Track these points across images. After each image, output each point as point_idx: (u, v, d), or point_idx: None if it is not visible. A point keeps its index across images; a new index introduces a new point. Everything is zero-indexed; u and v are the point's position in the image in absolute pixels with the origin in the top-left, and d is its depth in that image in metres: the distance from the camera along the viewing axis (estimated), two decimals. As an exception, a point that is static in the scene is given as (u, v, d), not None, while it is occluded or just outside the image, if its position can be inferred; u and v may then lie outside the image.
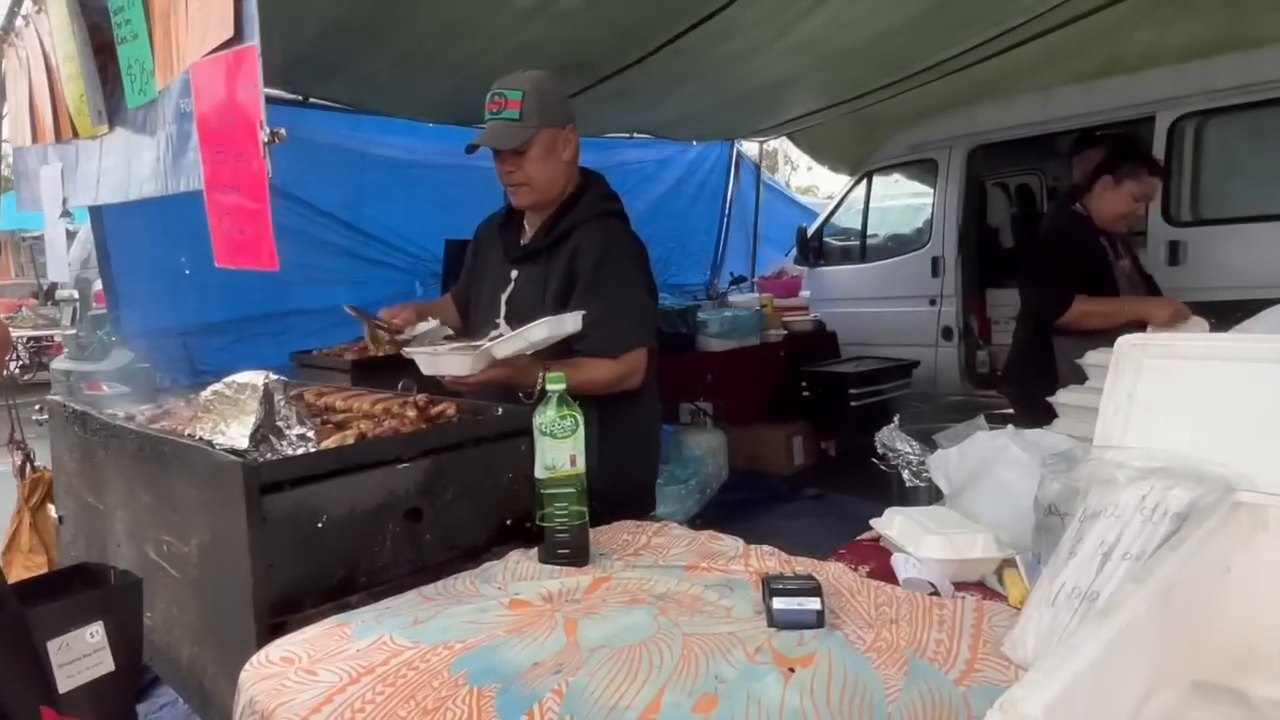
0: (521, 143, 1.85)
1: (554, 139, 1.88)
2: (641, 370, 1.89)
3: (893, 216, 6.76)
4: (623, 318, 1.85)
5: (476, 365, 1.66)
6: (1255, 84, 4.39)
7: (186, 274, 3.48)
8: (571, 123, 1.92)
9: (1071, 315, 2.74)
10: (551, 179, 1.91)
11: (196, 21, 1.27)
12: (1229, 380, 1.02)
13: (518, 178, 1.90)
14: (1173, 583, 0.65)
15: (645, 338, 1.90)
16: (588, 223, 1.92)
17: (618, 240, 1.93)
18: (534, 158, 1.87)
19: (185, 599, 1.45)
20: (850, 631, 1.08)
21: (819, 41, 3.80)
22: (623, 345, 1.84)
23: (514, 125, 1.84)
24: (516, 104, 1.83)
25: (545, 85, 1.88)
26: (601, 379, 1.81)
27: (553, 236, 1.93)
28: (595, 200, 1.96)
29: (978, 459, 1.43)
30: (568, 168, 1.94)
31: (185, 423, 1.57)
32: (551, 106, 1.87)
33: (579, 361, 1.81)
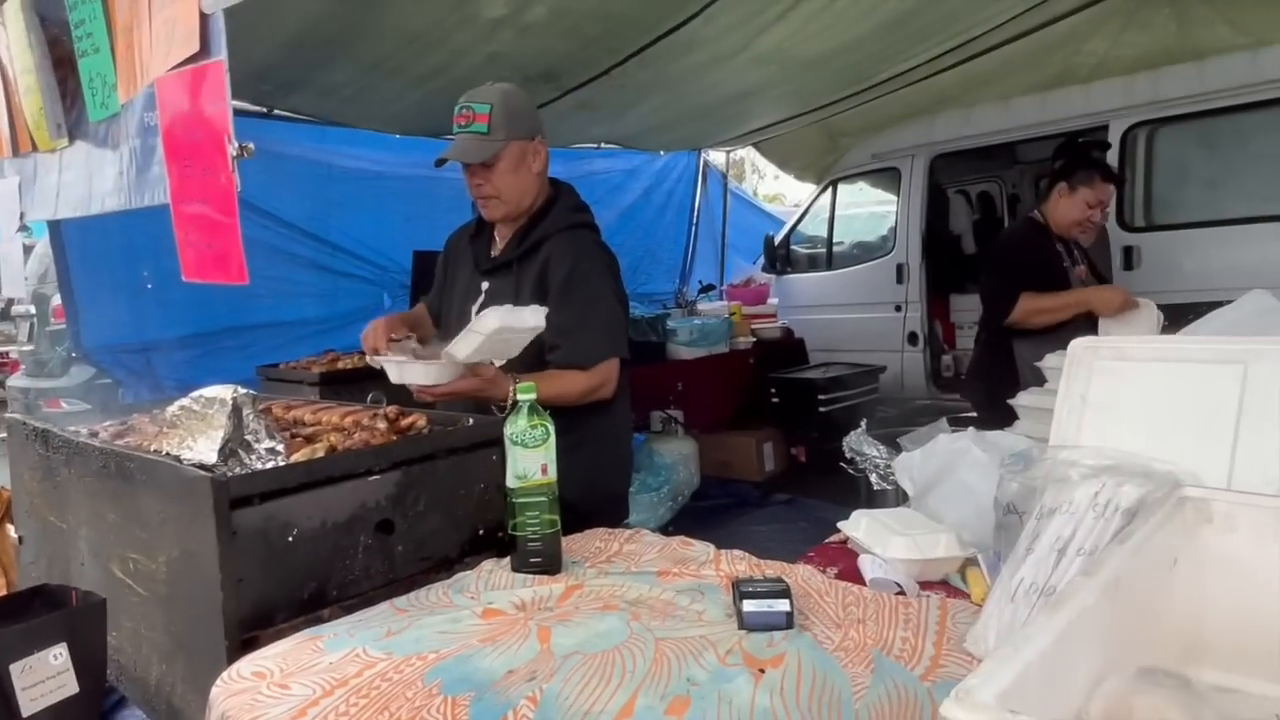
0: (490, 156, 1.85)
1: (523, 151, 1.89)
2: (614, 381, 1.89)
3: (858, 224, 6.86)
4: (594, 328, 1.85)
5: (443, 375, 1.66)
6: (1202, 94, 4.54)
7: (149, 288, 3.45)
8: (540, 134, 1.92)
9: (1018, 314, 2.82)
10: (521, 191, 1.92)
11: (161, 36, 1.27)
12: (1175, 381, 1.07)
13: (487, 190, 1.90)
14: (1121, 575, 0.68)
15: (617, 348, 1.90)
16: (558, 234, 1.92)
17: (588, 251, 1.93)
18: (503, 170, 1.87)
19: (153, 617, 1.44)
20: (819, 632, 1.10)
21: (782, 53, 3.86)
22: (595, 356, 1.84)
23: (482, 139, 1.84)
24: (485, 117, 1.84)
25: (513, 98, 1.89)
26: (574, 390, 1.82)
27: (523, 248, 1.93)
28: (565, 211, 1.97)
29: (940, 461, 1.46)
30: (537, 179, 1.94)
31: (151, 438, 1.56)
32: (519, 119, 1.88)
33: (550, 373, 1.81)
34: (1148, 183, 4.83)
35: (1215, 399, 1.02)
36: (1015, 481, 1.08)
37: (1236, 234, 4.40)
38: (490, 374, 1.70)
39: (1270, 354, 1.01)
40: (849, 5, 3.41)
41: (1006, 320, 2.86)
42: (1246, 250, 4.33)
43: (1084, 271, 3.05)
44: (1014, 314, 2.83)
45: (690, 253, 6.88)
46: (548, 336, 1.75)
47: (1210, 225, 4.51)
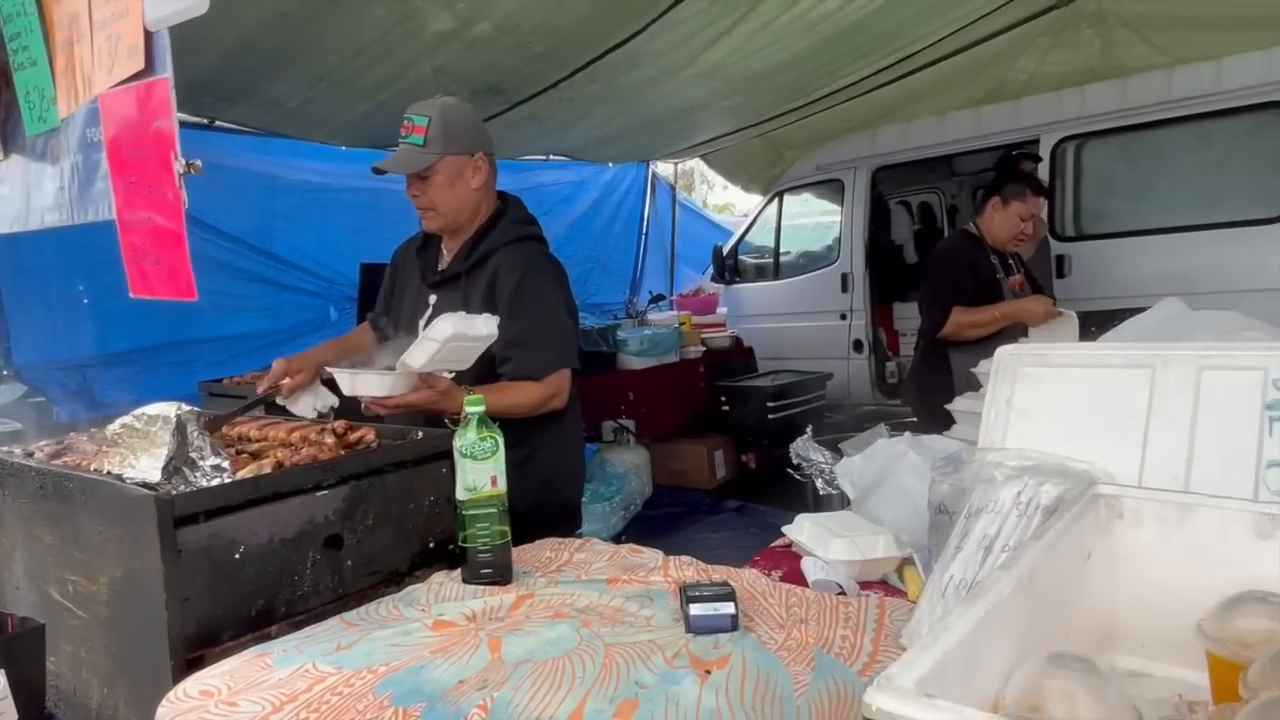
0: (423, 168, 1.85)
1: (460, 166, 1.88)
2: (565, 391, 1.90)
3: (804, 234, 7.01)
4: (545, 340, 1.86)
5: (397, 385, 1.65)
6: (1125, 110, 4.76)
7: (85, 303, 3.36)
8: (482, 151, 1.91)
9: (950, 327, 2.94)
10: (458, 205, 1.91)
11: (104, 52, 1.26)
12: (1092, 385, 1.13)
13: (423, 202, 1.90)
14: (1036, 568, 0.73)
15: (568, 359, 1.92)
16: (506, 246, 1.92)
17: (537, 263, 1.94)
18: (439, 184, 1.87)
19: (94, 640, 1.41)
20: (763, 633, 1.14)
21: (726, 69, 3.95)
22: (546, 367, 1.85)
23: (417, 150, 1.85)
24: (422, 129, 1.84)
25: (453, 112, 1.88)
26: (526, 401, 1.83)
27: (471, 260, 1.93)
28: (513, 224, 1.97)
29: (879, 465, 1.52)
30: (477, 194, 1.93)
31: (90, 458, 1.53)
32: (457, 134, 1.87)
33: (503, 385, 1.81)
34: (1077, 194, 5.04)
35: (1127, 401, 1.09)
36: (946, 483, 1.14)
37: (1158, 243, 4.63)
38: (444, 386, 1.70)
39: (1176, 358, 1.08)
40: (789, 24, 3.50)
41: (939, 334, 2.97)
42: (1168, 258, 4.55)
43: (1018, 282, 3.17)
44: (946, 328, 2.95)
45: (640, 263, 6.94)
46: (498, 349, 1.76)
47: (1135, 235, 4.73)
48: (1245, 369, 1.02)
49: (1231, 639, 0.72)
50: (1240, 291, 4.15)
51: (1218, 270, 4.34)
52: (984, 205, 3.09)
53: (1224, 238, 4.41)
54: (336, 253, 4.43)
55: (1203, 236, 4.47)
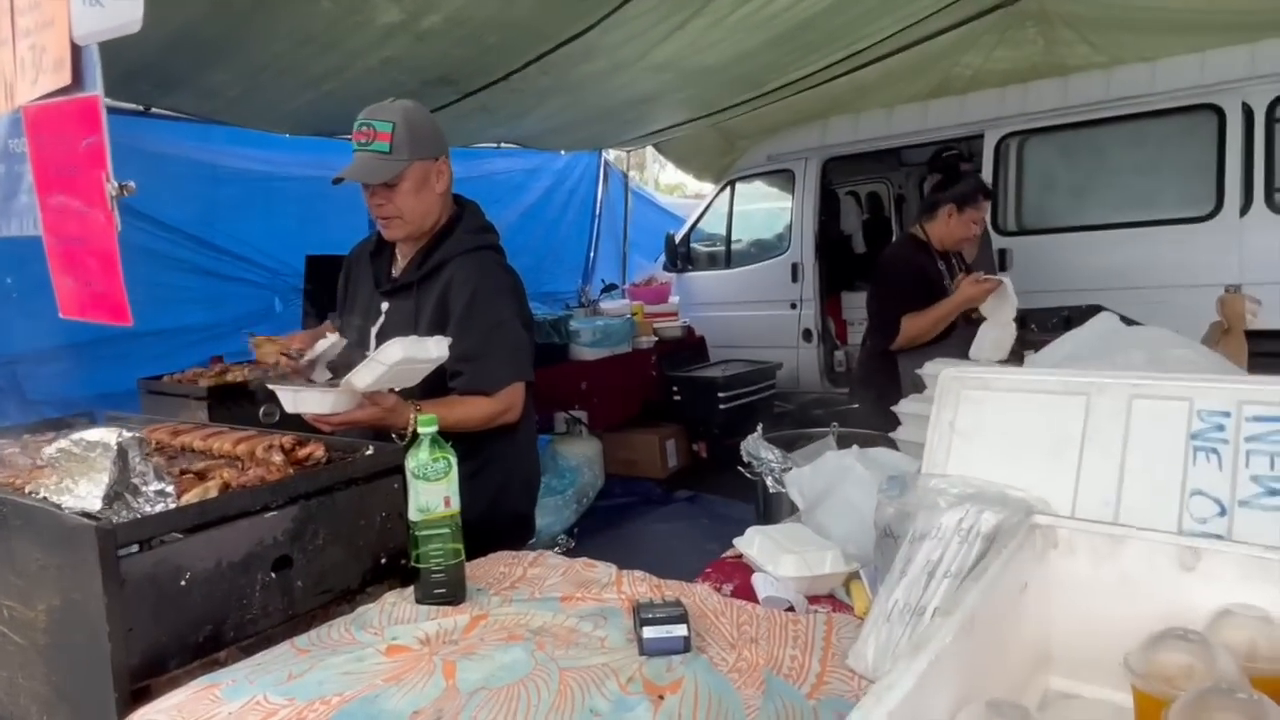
0: (392, 177, 1.80)
1: (426, 171, 1.84)
2: (519, 405, 1.88)
3: (755, 223, 7.07)
4: (498, 353, 1.83)
5: (339, 403, 1.61)
6: (1067, 107, 4.89)
7: (13, 297, 3.22)
8: (444, 154, 1.88)
9: (902, 339, 2.99)
10: (424, 212, 1.87)
11: (27, 61, 1.20)
12: (1030, 410, 1.18)
13: (389, 211, 1.85)
14: (976, 610, 0.76)
15: (522, 372, 1.89)
16: (460, 255, 1.89)
17: (491, 274, 1.90)
18: (405, 191, 1.82)
19: (32, 666, 1.37)
20: (714, 654, 1.16)
21: (679, 62, 3.94)
22: (499, 381, 1.83)
23: (384, 158, 1.79)
24: (387, 136, 1.78)
25: (416, 116, 1.84)
26: (477, 416, 1.81)
27: (424, 269, 1.89)
28: (468, 233, 1.94)
29: (827, 478, 1.55)
30: (441, 199, 1.90)
31: (24, 474, 1.48)
32: (423, 138, 1.83)
33: (452, 400, 1.79)
34: (1019, 189, 5.18)
35: (1063, 428, 1.13)
36: (891, 506, 1.17)
37: (1096, 239, 4.78)
38: (390, 402, 1.67)
39: (1110, 387, 1.13)
40: (741, 20, 3.51)
41: (892, 346, 3.01)
42: (1105, 254, 4.71)
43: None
44: (899, 340, 2.99)
45: (592, 251, 6.92)
46: (450, 363, 1.73)
47: (1073, 230, 4.88)
48: (1172, 399, 1.07)
49: (1155, 675, 0.76)
50: (1173, 287, 4.33)
51: (1151, 267, 4.50)
52: (935, 211, 3.12)
53: (1158, 235, 4.58)
54: (281, 243, 4.32)
55: (1138, 233, 4.64)
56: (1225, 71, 4.40)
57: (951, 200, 3.09)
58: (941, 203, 3.12)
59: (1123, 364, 1.36)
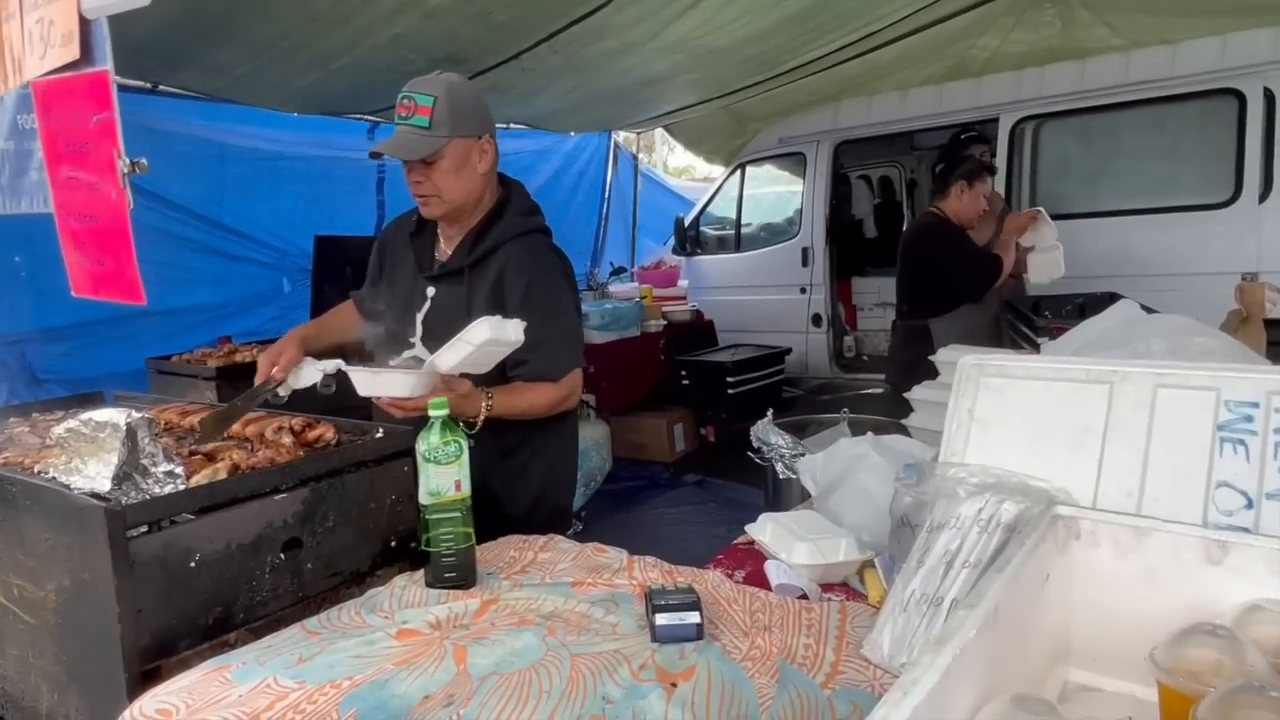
0: (430, 153, 1.71)
1: (468, 150, 1.75)
2: (579, 391, 1.86)
3: (765, 207, 7.01)
4: (559, 341, 1.79)
5: (420, 387, 1.55)
6: (1084, 91, 4.82)
7: (22, 275, 3.22)
8: (489, 133, 1.79)
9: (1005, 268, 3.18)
10: (465, 192, 1.79)
11: (35, 35, 1.18)
12: (1051, 398, 1.15)
13: (426, 189, 1.76)
14: (1000, 603, 0.75)
15: (580, 359, 1.86)
16: (512, 240, 1.82)
17: (545, 259, 1.85)
18: (445, 169, 1.73)
19: (43, 645, 1.37)
20: (727, 641, 1.15)
21: (691, 42, 3.89)
22: (562, 369, 1.80)
23: (423, 134, 1.70)
24: (427, 110, 1.69)
25: (460, 91, 1.74)
26: (544, 403, 1.78)
27: (475, 255, 1.82)
28: (517, 215, 1.86)
29: (841, 465, 1.54)
30: (483, 180, 1.81)
31: (33, 455, 1.47)
32: (466, 115, 1.73)
33: (522, 387, 1.75)
34: (1034, 174, 5.11)
35: (1085, 417, 1.11)
36: (909, 495, 1.15)
37: (1111, 225, 4.72)
38: (465, 389, 1.62)
39: (1133, 376, 1.10)
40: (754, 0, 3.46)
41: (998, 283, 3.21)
42: (1121, 241, 4.65)
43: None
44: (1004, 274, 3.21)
45: (601, 234, 6.88)
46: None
47: (1089, 216, 4.81)
48: (1199, 389, 1.05)
49: (1182, 670, 0.74)
50: (1189, 275, 4.27)
51: (1168, 254, 4.45)
52: (947, 190, 3.22)
53: (1174, 221, 4.52)
54: (289, 223, 4.30)
55: (1154, 220, 4.58)
56: (1247, 55, 4.32)
57: (961, 177, 3.26)
58: (952, 181, 3.28)
59: (1143, 352, 1.34)
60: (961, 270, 3.28)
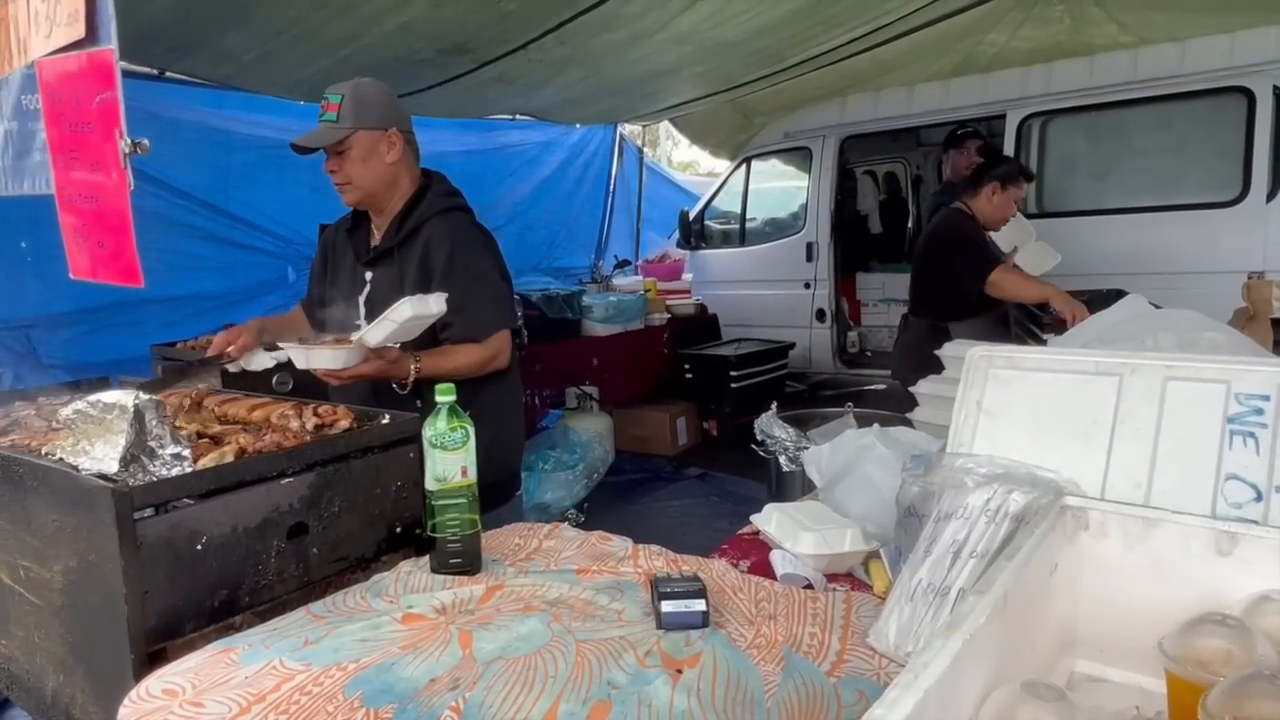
0: (332, 143, 1.91)
1: (374, 141, 1.94)
2: (507, 350, 1.99)
3: (770, 201, 7.00)
4: (483, 302, 1.94)
5: (350, 359, 1.72)
6: (1091, 88, 4.80)
7: (28, 260, 3.22)
8: (395, 126, 1.96)
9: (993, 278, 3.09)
10: (373, 179, 1.96)
11: (41, 14, 1.17)
12: (1060, 390, 1.15)
13: (339, 177, 1.96)
14: (1009, 591, 0.74)
15: (506, 319, 2.01)
16: (433, 218, 1.98)
17: (466, 231, 2.00)
18: (353, 158, 1.93)
19: (48, 626, 1.38)
20: (733, 629, 1.15)
21: (699, 34, 3.88)
22: (486, 328, 1.93)
23: (331, 126, 1.91)
24: (335, 106, 1.91)
25: (365, 90, 1.94)
26: (471, 362, 1.91)
27: (402, 234, 1.98)
28: (437, 197, 2.03)
29: (847, 456, 1.53)
30: (392, 169, 1.98)
31: (39, 437, 1.48)
32: (369, 110, 1.92)
33: (447, 349, 1.90)
34: (1040, 171, 5.09)
35: (1094, 409, 1.11)
36: (916, 485, 1.15)
37: (1118, 223, 4.71)
38: (393, 355, 1.79)
39: (1143, 368, 1.10)
40: (764, -9, 3.45)
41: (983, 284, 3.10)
42: (1127, 238, 4.63)
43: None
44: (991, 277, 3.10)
45: (606, 227, 6.87)
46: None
47: (1095, 214, 4.80)
48: (1209, 381, 1.04)
49: (1191, 660, 0.74)
50: (1196, 273, 4.26)
51: (1175, 252, 4.43)
52: (979, 189, 3.20)
53: (1182, 220, 4.50)
54: (294, 211, 4.30)
55: (1162, 218, 4.56)
56: (1256, 53, 4.30)
57: (996, 179, 3.21)
58: (986, 180, 3.22)
59: (1152, 346, 1.34)
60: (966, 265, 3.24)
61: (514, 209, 5.63)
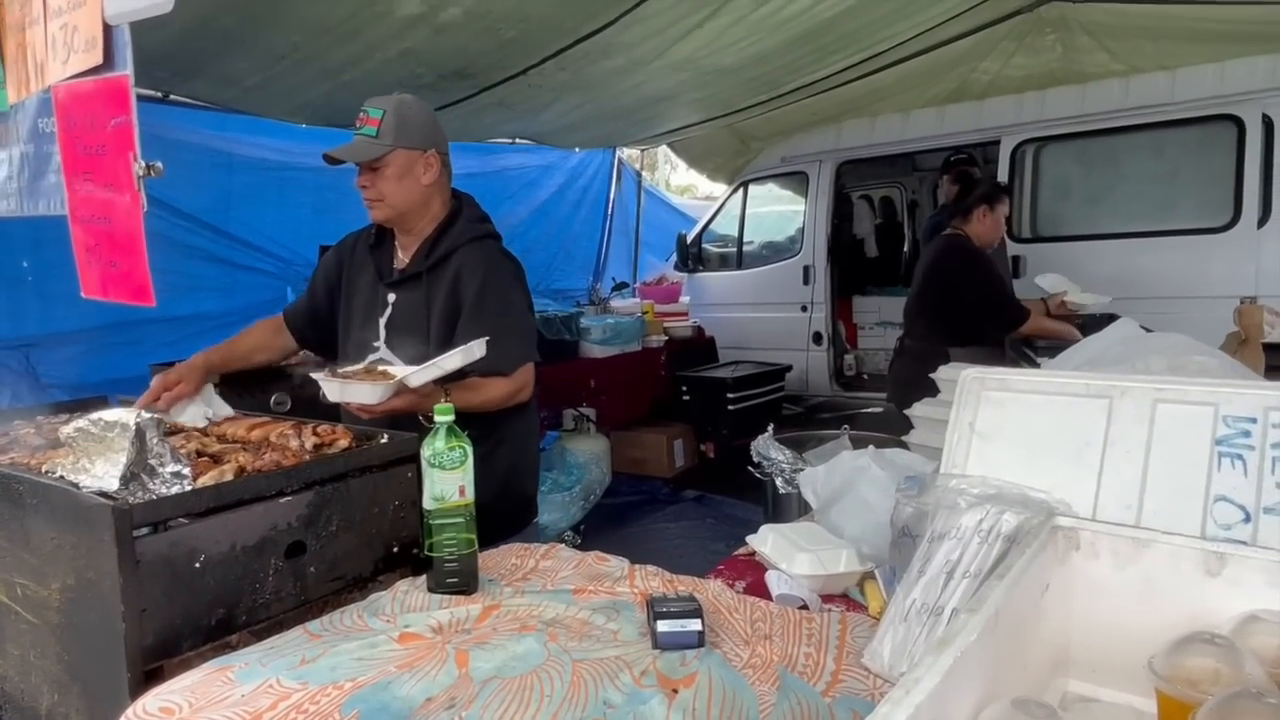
0: (372, 158, 1.88)
1: (411, 161, 1.92)
2: (531, 383, 1.98)
3: (767, 225, 7.05)
4: (511, 336, 1.92)
5: (386, 394, 1.68)
6: (1083, 115, 4.87)
7: (29, 280, 3.24)
8: (434, 148, 1.95)
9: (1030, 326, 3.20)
10: (406, 199, 1.94)
11: (59, 41, 1.20)
12: (1051, 412, 1.17)
13: (372, 193, 1.94)
14: (1000, 609, 0.76)
15: (531, 353, 2.00)
16: (465, 245, 1.96)
17: (497, 262, 1.99)
18: (389, 176, 1.91)
19: (44, 644, 1.38)
20: (728, 649, 1.16)
21: (696, 61, 3.93)
22: (513, 363, 1.92)
23: (369, 141, 1.89)
24: (376, 121, 1.89)
25: (408, 108, 1.92)
26: (498, 396, 1.90)
27: (432, 260, 1.96)
28: (470, 223, 2.02)
29: (842, 477, 1.55)
30: (426, 190, 1.96)
31: (39, 456, 1.48)
32: (410, 129, 1.91)
33: (476, 383, 1.86)
34: (1034, 196, 5.15)
35: (1085, 431, 1.12)
36: (910, 506, 1.16)
37: (1111, 247, 4.75)
38: (426, 389, 1.74)
39: (1132, 390, 1.12)
40: (760, 20, 3.50)
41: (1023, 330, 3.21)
42: (1120, 263, 4.67)
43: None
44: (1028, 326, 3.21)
45: (604, 249, 6.91)
46: None
47: (1088, 239, 4.85)
48: (1198, 404, 1.06)
49: (1180, 678, 0.75)
50: (1188, 297, 4.30)
51: (1167, 276, 4.47)
52: (970, 214, 3.32)
53: (1173, 245, 4.55)
54: (295, 233, 4.33)
55: (1154, 243, 4.60)
56: (1245, 82, 4.37)
57: (983, 200, 3.33)
58: (974, 204, 3.33)
59: (1143, 370, 1.36)
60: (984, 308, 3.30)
61: (513, 231, 5.66)
